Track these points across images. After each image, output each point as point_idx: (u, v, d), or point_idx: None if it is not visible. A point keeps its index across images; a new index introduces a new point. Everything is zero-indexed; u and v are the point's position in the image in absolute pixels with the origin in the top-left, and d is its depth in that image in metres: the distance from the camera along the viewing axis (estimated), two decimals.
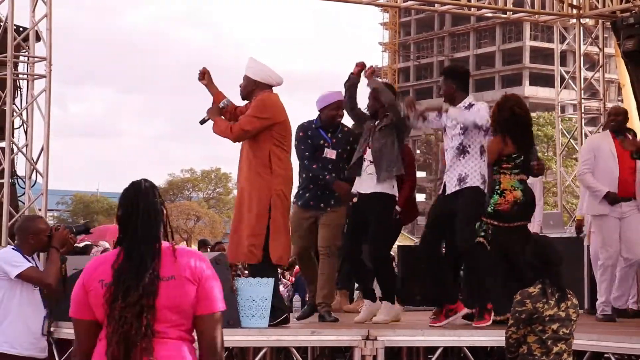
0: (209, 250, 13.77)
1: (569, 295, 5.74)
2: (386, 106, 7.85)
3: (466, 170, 7.46)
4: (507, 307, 6.20)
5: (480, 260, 7.59)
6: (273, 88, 7.56)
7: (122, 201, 3.58)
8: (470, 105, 7.51)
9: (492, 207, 7.77)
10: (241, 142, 7.47)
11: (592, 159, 8.87)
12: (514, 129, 7.80)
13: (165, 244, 3.54)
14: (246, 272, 9.68)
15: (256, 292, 7.05)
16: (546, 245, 5.99)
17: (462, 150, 7.48)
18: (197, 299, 3.48)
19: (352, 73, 8.08)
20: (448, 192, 7.54)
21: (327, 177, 8.00)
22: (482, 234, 7.78)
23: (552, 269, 5.75)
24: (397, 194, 7.96)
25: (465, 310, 7.58)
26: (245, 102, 7.61)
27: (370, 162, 7.86)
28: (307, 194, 8.17)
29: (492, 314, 7.45)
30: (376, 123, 7.94)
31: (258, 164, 7.35)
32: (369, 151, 7.90)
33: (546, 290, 5.66)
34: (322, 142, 8.16)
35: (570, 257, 8.61)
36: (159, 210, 3.55)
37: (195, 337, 3.55)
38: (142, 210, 3.51)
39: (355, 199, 7.99)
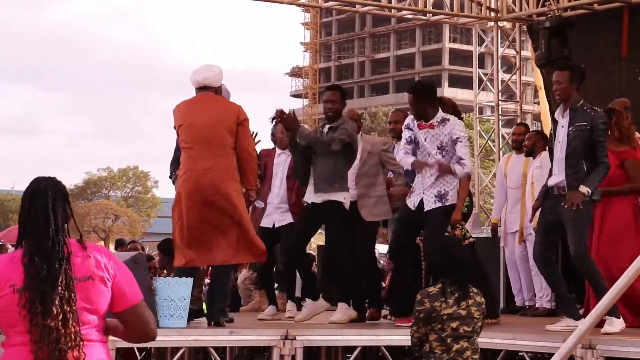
0: (126, 249, 13.58)
1: (471, 294, 5.82)
2: (325, 147, 7.78)
3: (446, 187, 7.46)
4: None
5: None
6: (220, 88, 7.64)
7: (22, 200, 3.44)
8: (443, 120, 7.51)
9: None
10: None
11: None
12: None
13: (72, 241, 3.40)
14: (165, 271, 9.62)
15: (174, 292, 7.01)
16: (450, 245, 6.08)
17: None
18: (114, 295, 3.40)
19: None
20: (426, 208, 7.47)
21: None
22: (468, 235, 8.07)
23: (454, 267, 5.82)
24: (345, 203, 7.87)
25: None
26: None
27: None
28: None
29: None
30: (327, 128, 7.94)
31: None
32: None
33: (445, 289, 5.75)
34: None
35: (486, 257, 8.75)
36: (59, 208, 3.39)
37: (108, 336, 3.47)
38: (39, 210, 3.37)
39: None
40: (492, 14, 14.06)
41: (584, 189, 6.87)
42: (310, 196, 7.90)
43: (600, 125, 6.93)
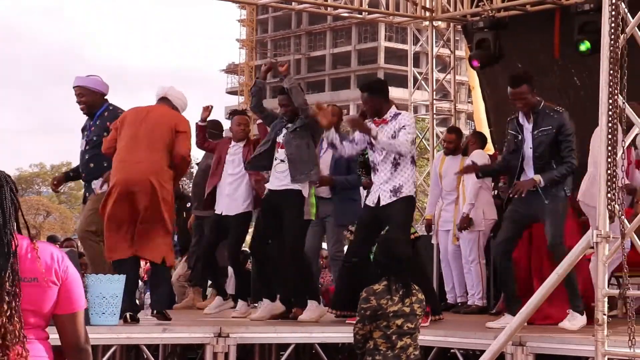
0: (57, 246, 13.40)
1: (414, 291, 5.88)
2: (297, 107, 7.86)
3: (400, 181, 7.46)
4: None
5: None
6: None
7: None
8: (396, 115, 7.52)
9: None
10: None
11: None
12: None
13: (24, 240, 3.33)
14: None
15: (106, 289, 6.94)
16: (392, 243, 6.12)
17: (396, 164, 7.49)
18: (58, 298, 3.34)
19: (257, 77, 8.23)
20: (382, 203, 7.47)
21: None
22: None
23: (398, 265, 5.87)
24: (306, 196, 7.88)
25: None
26: None
27: (282, 160, 7.86)
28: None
29: (430, 314, 7.52)
30: (289, 124, 7.94)
31: None
32: (280, 150, 7.90)
33: (391, 286, 5.79)
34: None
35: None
36: (11, 204, 3.31)
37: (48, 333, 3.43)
38: None
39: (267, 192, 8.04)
40: (427, 14, 14.15)
41: (537, 177, 7.04)
42: (275, 183, 7.92)
43: (567, 125, 7.06)
